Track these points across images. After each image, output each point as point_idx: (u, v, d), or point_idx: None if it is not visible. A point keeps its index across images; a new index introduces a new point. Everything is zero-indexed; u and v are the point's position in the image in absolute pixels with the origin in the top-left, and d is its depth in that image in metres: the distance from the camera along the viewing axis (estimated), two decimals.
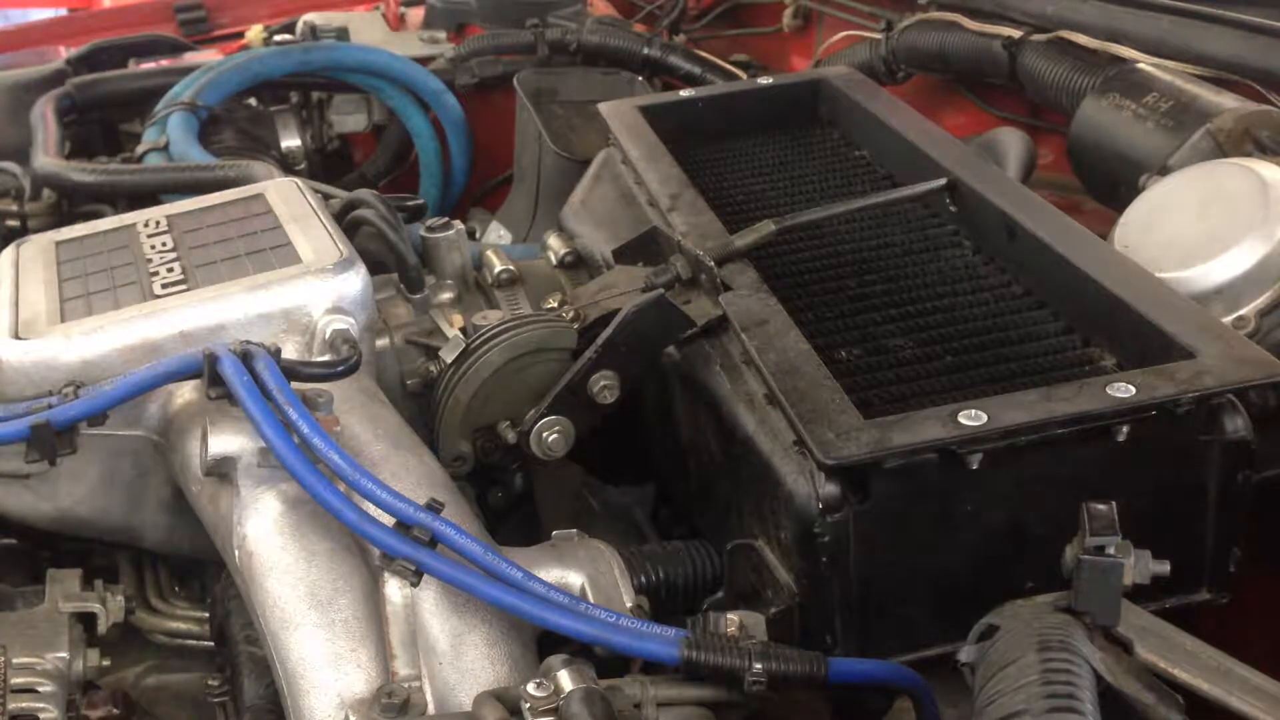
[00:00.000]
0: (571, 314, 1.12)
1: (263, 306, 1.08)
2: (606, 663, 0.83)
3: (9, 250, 1.25)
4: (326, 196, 1.38)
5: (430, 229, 1.33)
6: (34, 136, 1.87)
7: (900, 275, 1.05)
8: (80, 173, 1.70)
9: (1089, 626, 0.67)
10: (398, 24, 2.41)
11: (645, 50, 2.07)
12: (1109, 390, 0.81)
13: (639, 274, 1.10)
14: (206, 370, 0.95)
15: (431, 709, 0.84)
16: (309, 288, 1.09)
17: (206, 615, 1.17)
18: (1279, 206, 1.02)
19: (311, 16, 2.35)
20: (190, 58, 2.26)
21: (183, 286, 1.11)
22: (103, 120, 2.10)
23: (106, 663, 1.08)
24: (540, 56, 2.11)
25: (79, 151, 1.94)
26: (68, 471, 1.08)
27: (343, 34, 2.25)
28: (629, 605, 0.90)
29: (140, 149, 1.81)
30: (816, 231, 1.12)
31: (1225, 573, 0.88)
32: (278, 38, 2.27)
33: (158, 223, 1.25)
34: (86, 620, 1.09)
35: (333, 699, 0.84)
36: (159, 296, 1.10)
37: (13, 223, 1.79)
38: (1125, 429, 0.82)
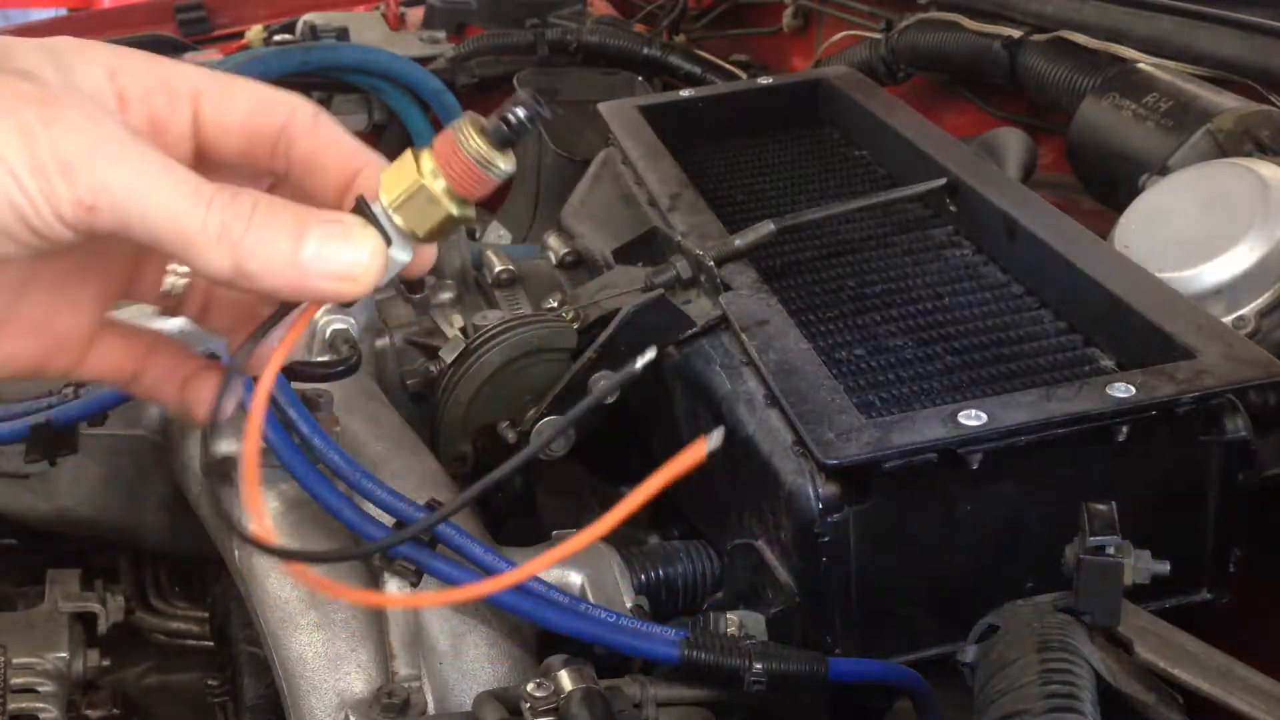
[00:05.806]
0: (571, 314, 1.12)
1: None
2: (606, 663, 0.83)
3: None
4: None
5: None
6: None
7: (900, 275, 1.05)
8: None
9: (1089, 626, 0.67)
10: (398, 24, 2.41)
11: (645, 50, 2.07)
12: (1109, 390, 0.81)
13: (639, 274, 1.10)
14: None
15: (431, 709, 0.84)
16: None
17: (206, 615, 1.17)
18: (1279, 206, 1.02)
19: (311, 16, 2.35)
20: (190, 58, 2.26)
21: None
22: None
23: (106, 663, 1.08)
24: (540, 56, 2.11)
25: None
26: (68, 471, 1.08)
27: (343, 34, 2.25)
28: (629, 605, 0.90)
29: None
30: (816, 231, 1.12)
31: (1225, 573, 0.88)
32: (278, 38, 2.27)
33: None
34: (86, 620, 1.09)
35: (332, 699, 0.85)
36: None
37: None
38: (1125, 429, 0.81)
